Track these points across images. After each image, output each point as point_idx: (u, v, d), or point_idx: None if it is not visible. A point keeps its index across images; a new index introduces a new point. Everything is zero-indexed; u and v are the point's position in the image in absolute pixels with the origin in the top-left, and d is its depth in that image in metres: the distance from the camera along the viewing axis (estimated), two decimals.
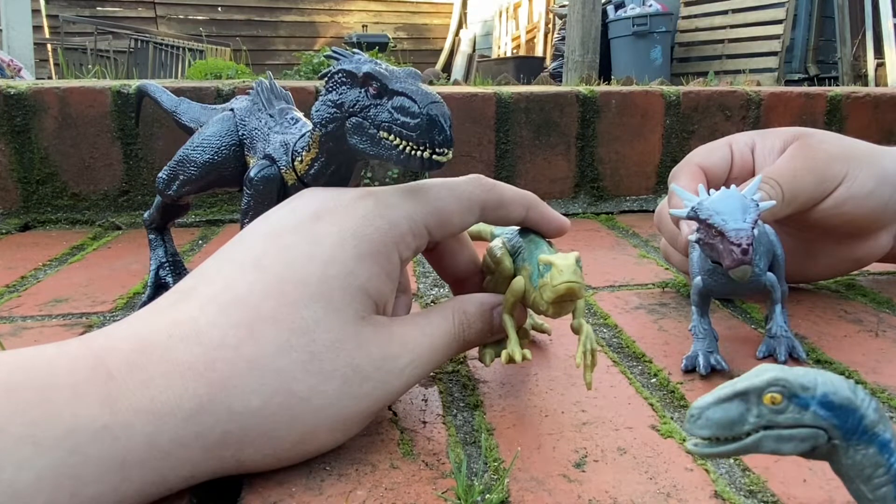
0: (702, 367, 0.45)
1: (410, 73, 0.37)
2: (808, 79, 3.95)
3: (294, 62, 2.96)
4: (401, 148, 0.35)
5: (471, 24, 6.18)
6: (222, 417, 0.30)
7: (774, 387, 0.24)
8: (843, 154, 0.53)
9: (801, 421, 0.24)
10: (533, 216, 0.41)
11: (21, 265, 0.72)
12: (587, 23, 2.97)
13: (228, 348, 0.31)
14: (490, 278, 0.44)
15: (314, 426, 0.33)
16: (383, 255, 0.35)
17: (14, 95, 0.87)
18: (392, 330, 0.36)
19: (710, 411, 0.25)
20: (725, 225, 0.39)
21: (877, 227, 0.56)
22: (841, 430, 0.24)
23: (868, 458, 0.23)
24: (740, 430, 0.25)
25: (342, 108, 0.38)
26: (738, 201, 0.40)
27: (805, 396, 0.24)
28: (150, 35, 4.07)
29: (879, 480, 0.23)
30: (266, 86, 0.51)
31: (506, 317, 0.40)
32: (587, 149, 1.01)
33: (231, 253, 0.36)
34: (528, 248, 0.41)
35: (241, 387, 0.31)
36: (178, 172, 0.54)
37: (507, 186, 0.41)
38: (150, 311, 0.34)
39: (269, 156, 0.46)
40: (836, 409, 0.24)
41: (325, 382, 0.32)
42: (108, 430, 0.28)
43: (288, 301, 0.33)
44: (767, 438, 0.25)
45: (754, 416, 0.24)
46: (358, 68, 0.37)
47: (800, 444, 0.24)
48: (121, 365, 0.29)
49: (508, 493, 0.33)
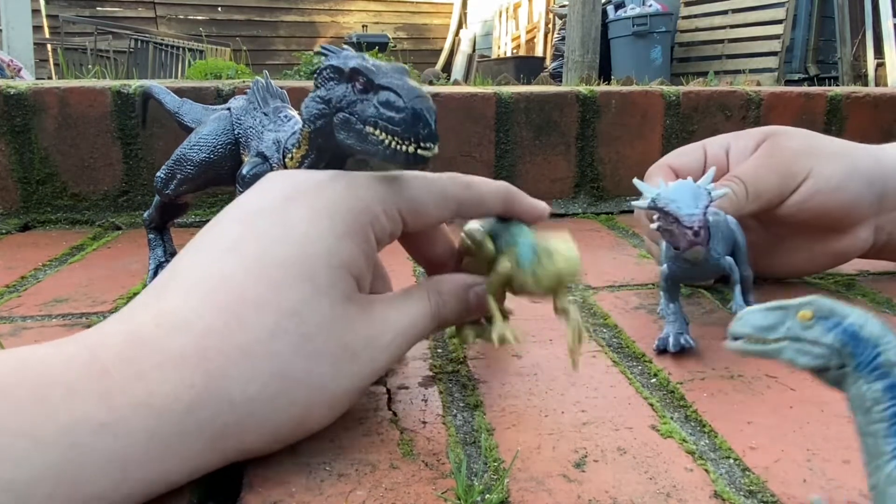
0: (671, 346, 0.48)
1: (397, 69, 0.37)
2: (808, 79, 3.95)
3: (294, 62, 2.96)
4: (386, 143, 0.35)
5: (471, 24, 6.18)
6: (221, 408, 0.30)
7: (809, 305, 0.26)
8: (808, 150, 0.56)
9: (821, 340, 0.26)
10: (512, 208, 0.42)
11: (21, 265, 0.72)
12: (587, 23, 2.97)
13: (216, 335, 0.31)
14: (469, 260, 0.44)
15: (310, 406, 0.33)
16: (360, 234, 0.35)
17: (14, 95, 0.87)
18: (375, 308, 0.36)
19: (752, 315, 0.28)
20: (679, 211, 0.43)
21: (851, 222, 0.57)
22: (855, 359, 0.25)
23: (871, 392, 0.25)
24: (772, 336, 0.27)
25: (330, 104, 0.38)
26: (692, 190, 0.44)
27: (833, 320, 0.26)
28: (150, 35, 4.08)
29: (876, 416, 0.25)
30: (262, 85, 0.51)
31: (490, 298, 0.40)
32: (587, 149, 1.01)
33: (205, 241, 0.36)
34: (509, 230, 0.41)
35: (237, 375, 0.31)
36: (175, 171, 0.54)
37: (483, 180, 0.41)
38: (134, 305, 0.33)
39: (261, 153, 0.46)
40: (857, 340, 0.25)
41: (318, 363, 0.33)
42: (106, 427, 0.28)
43: (271, 283, 0.32)
44: (789, 348, 0.27)
45: (786, 327, 0.27)
46: (345, 64, 0.37)
47: (814, 359, 0.26)
48: (114, 360, 0.29)
49: (508, 493, 0.33)
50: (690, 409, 0.41)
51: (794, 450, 0.36)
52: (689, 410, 0.41)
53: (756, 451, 0.36)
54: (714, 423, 0.39)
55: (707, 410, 0.41)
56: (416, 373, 0.46)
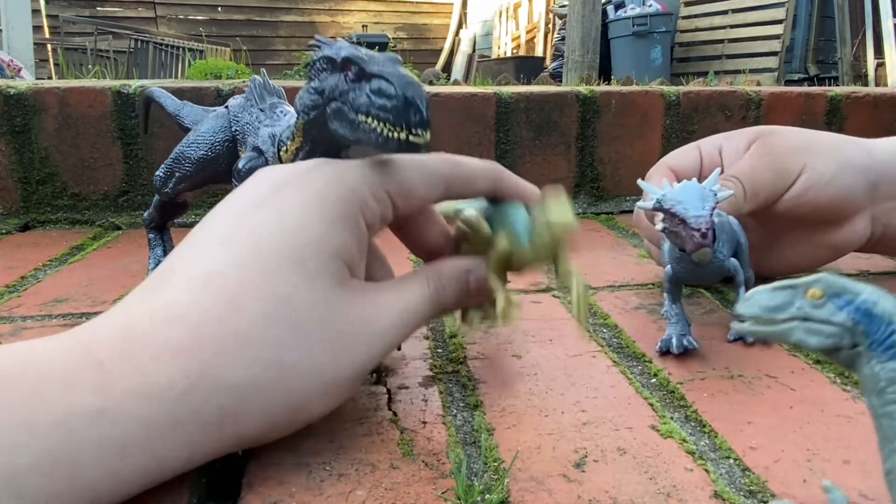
0: (675, 348, 0.48)
1: (390, 58, 0.37)
2: (808, 79, 3.95)
3: (294, 62, 2.96)
4: (378, 131, 0.35)
5: (471, 24, 6.19)
6: (215, 394, 0.30)
7: (819, 283, 0.25)
8: (801, 146, 0.57)
9: (832, 319, 0.25)
10: (501, 186, 0.42)
11: (21, 265, 0.72)
12: (587, 23, 2.97)
13: (212, 324, 0.31)
14: (467, 245, 0.44)
15: (306, 394, 0.33)
16: (350, 219, 0.35)
17: (14, 95, 0.87)
18: (370, 294, 0.36)
19: (760, 295, 0.27)
20: (686, 213, 0.43)
21: (847, 214, 0.58)
22: (868, 338, 0.25)
23: (886, 371, 0.24)
24: (780, 316, 0.26)
25: (323, 95, 0.38)
26: (698, 191, 0.44)
27: (845, 298, 0.25)
28: (150, 35, 4.08)
29: (891, 396, 0.24)
30: (259, 82, 0.51)
31: (492, 276, 0.40)
32: (587, 149, 1.01)
33: (198, 236, 0.36)
34: (502, 211, 0.42)
35: (231, 362, 0.31)
36: (173, 170, 0.54)
37: (472, 160, 0.41)
38: (129, 300, 0.34)
39: (256, 147, 0.46)
40: (870, 317, 0.25)
41: (312, 350, 0.33)
42: (104, 414, 0.28)
43: (264, 272, 0.33)
44: (798, 329, 0.26)
45: (795, 307, 0.26)
46: (337, 53, 0.37)
47: (825, 339, 0.25)
48: (110, 353, 0.29)
49: (508, 493, 0.33)
50: (690, 409, 0.41)
51: (794, 450, 0.36)
52: (689, 410, 0.41)
53: (756, 451, 0.36)
54: (714, 423, 0.39)
55: (707, 410, 0.41)
56: (416, 373, 0.46)
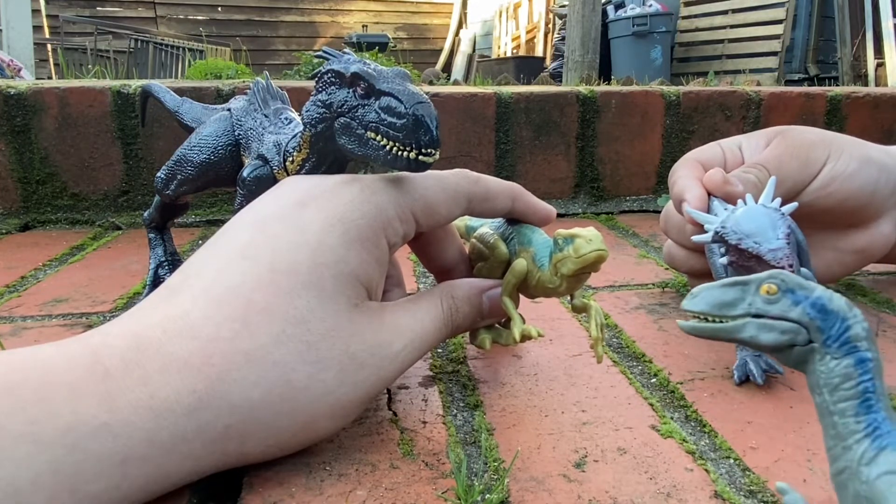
0: (758, 377, 0.42)
1: (399, 73, 0.37)
2: (808, 79, 3.95)
3: (294, 62, 2.96)
4: (388, 148, 0.35)
5: (471, 24, 6.18)
6: (223, 411, 0.30)
7: (774, 279, 0.25)
8: (823, 140, 0.56)
9: (787, 315, 0.24)
10: (519, 206, 0.42)
11: (21, 265, 0.72)
12: (587, 23, 2.97)
13: (224, 341, 0.31)
14: (482, 265, 0.44)
15: (314, 415, 0.33)
16: (371, 240, 0.35)
17: (14, 95, 0.87)
18: (384, 316, 0.36)
19: (707, 292, 0.26)
20: (759, 248, 0.37)
21: (871, 213, 0.57)
22: (823, 334, 0.24)
23: (841, 368, 0.24)
24: (730, 313, 0.25)
25: (331, 109, 0.38)
26: (765, 217, 0.38)
27: (800, 294, 0.24)
28: (150, 35, 4.07)
29: (845, 394, 0.23)
30: (262, 86, 0.51)
31: (506, 299, 0.40)
32: (587, 149, 1.01)
33: (218, 244, 0.36)
34: (521, 232, 0.42)
35: (239, 380, 0.31)
36: (175, 172, 0.54)
37: (493, 179, 0.41)
38: (142, 307, 0.33)
39: (262, 156, 0.46)
40: (825, 313, 0.24)
41: (322, 371, 0.33)
42: (107, 428, 0.28)
43: (280, 291, 0.32)
44: (751, 325, 0.25)
45: (747, 303, 0.25)
46: (346, 68, 0.37)
47: (779, 335, 0.25)
48: (117, 363, 0.29)
49: (508, 493, 0.33)
50: (690, 409, 0.41)
51: (794, 450, 0.36)
52: (689, 410, 0.41)
53: (756, 451, 0.36)
54: (714, 423, 0.39)
55: (707, 410, 0.41)
56: (416, 373, 0.46)
